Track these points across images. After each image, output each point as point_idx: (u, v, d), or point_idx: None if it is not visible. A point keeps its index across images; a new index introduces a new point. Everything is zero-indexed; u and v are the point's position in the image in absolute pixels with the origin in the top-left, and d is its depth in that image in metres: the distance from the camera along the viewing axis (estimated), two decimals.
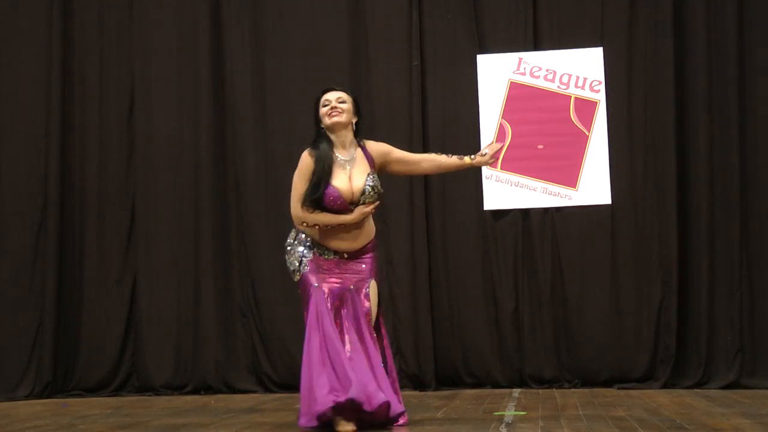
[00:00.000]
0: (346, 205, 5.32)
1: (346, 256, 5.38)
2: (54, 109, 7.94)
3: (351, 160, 5.40)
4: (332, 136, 5.41)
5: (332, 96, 5.45)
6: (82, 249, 7.96)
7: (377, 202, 5.39)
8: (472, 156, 5.58)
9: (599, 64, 7.60)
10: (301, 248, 5.37)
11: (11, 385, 7.72)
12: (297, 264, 5.35)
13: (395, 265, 7.67)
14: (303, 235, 5.39)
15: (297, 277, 5.35)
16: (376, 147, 5.54)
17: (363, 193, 5.33)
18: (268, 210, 7.79)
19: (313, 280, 5.29)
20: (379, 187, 5.39)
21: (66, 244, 7.92)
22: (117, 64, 8.09)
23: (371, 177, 5.37)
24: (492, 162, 5.63)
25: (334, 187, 5.29)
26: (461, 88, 7.74)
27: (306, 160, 5.37)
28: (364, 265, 5.40)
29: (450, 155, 5.63)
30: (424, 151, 7.55)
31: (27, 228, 7.91)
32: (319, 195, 5.28)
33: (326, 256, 5.37)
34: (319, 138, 5.44)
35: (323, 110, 5.44)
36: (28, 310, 7.84)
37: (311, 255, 5.34)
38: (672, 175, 7.41)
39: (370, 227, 5.46)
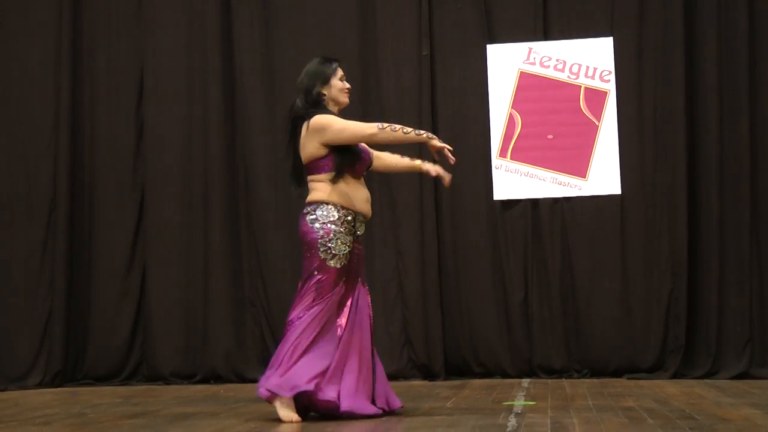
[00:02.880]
0: (364, 169, 5.36)
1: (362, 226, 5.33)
2: (63, 100, 7.94)
3: None
4: (334, 111, 5.36)
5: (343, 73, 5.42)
6: (91, 239, 7.98)
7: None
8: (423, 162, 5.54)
9: (609, 53, 7.59)
10: (344, 236, 5.17)
11: (22, 374, 7.75)
12: (345, 250, 5.18)
13: (405, 256, 7.67)
14: (335, 212, 5.19)
15: (337, 265, 5.14)
16: None
17: (370, 164, 5.44)
18: (277, 200, 7.79)
19: (337, 286, 5.19)
20: None
21: (76, 234, 7.94)
22: (126, 55, 8.09)
23: None
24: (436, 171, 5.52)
25: (363, 147, 5.34)
26: (471, 78, 7.74)
27: (331, 115, 5.25)
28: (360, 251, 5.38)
29: (402, 156, 5.64)
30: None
31: (37, 219, 7.92)
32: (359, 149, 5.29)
33: (359, 231, 5.28)
34: (324, 108, 5.30)
35: (341, 85, 5.35)
36: (39, 300, 7.86)
37: (351, 246, 5.21)
38: (682, 166, 7.40)
39: None
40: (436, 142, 5.23)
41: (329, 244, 5.16)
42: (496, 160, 7.61)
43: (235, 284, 7.86)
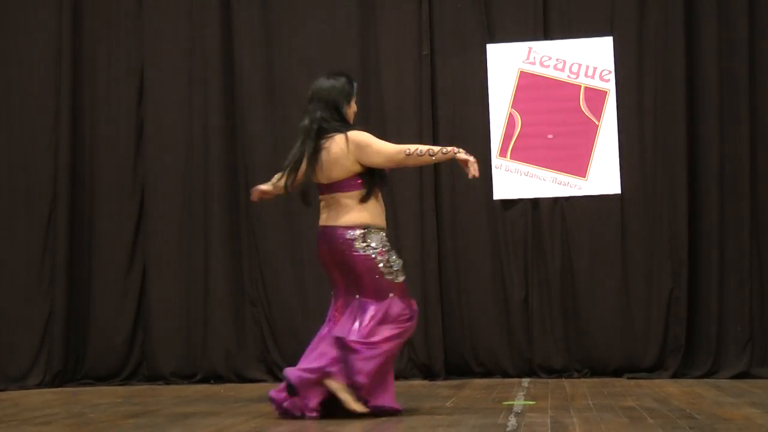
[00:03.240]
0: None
1: None
2: (63, 99, 7.94)
3: None
4: None
5: None
6: (91, 239, 7.97)
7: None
8: None
9: (609, 53, 7.58)
10: (391, 249, 5.30)
11: (22, 374, 7.75)
12: (401, 261, 5.33)
13: (405, 255, 7.62)
14: (380, 234, 5.28)
15: (403, 278, 5.33)
16: None
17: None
18: (277, 200, 7.77)
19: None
20: None
21: (76, 234, 7.93)
22: (126, 55, 8.09)
23: None
24: None
25: None
26: (471, 78, 7.73)
27: (369, 134, 5.28)
28: None
29: None
30: (434, 142, 7.56)
31: (37, 218, 7.92)
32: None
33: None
34: (349, 126, 5.36)
35: (355, 107, 5.43)
36: (39, 300, 7.86)
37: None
38: (682, 165, 7.39)
39: None
40: (462, 155, 5.22)
41: (389, 264, 5.25)
42: (496, 160, 7.61)
43: (235, 284, 7.86)
